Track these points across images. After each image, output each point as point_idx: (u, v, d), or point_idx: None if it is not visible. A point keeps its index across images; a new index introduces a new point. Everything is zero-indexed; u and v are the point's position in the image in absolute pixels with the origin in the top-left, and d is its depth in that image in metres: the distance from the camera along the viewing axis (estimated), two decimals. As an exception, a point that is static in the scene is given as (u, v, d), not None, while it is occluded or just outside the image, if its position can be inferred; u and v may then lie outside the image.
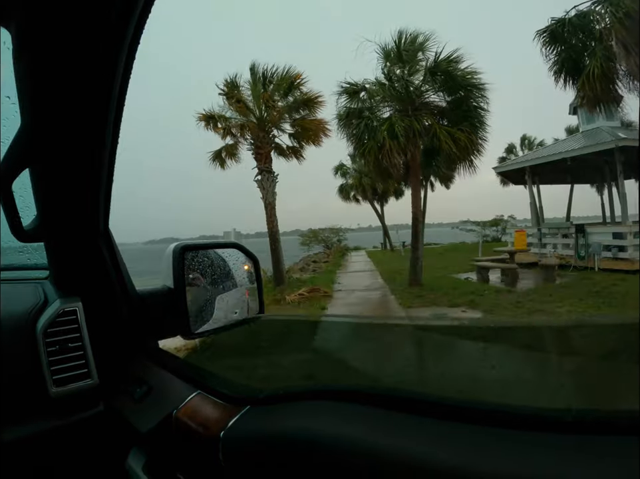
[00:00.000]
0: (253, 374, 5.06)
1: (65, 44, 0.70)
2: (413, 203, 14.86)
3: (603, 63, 12.05)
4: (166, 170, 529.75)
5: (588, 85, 12.56)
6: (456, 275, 17.38)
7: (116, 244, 1.24)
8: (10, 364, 1.00)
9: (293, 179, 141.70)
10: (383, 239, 43.75)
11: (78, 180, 0.99)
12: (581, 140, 18.98)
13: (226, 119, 16.26)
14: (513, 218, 36.88)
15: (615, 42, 11.65)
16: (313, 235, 40.39)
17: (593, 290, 11.73)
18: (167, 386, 1.12)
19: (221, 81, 16.15)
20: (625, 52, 11.55)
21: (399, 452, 0.59)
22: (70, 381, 1.03)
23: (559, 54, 13.57)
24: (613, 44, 11.74)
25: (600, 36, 12.23)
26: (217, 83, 16.10)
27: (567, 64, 13.53)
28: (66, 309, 1.07)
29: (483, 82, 14.00)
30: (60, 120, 0.83)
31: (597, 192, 25.24)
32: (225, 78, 16.16)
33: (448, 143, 13.46)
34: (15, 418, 0.97)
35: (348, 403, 0.75)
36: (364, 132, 14.44)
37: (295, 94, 16.21)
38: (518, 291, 13.04)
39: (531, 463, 0.50)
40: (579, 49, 13.05)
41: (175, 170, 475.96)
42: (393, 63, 14.79)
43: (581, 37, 12.77)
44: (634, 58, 11.53)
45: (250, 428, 0.83)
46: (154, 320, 1.26)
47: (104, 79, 0.78)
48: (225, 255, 1.47)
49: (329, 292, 14.59)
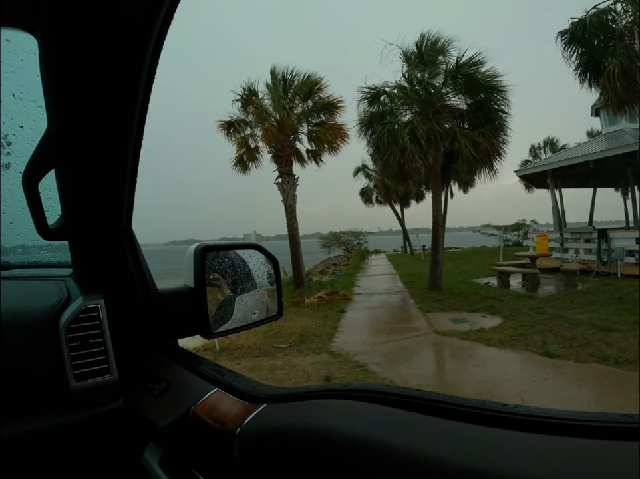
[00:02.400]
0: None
1: (90, 48, 0.72)
2: (434, 207, 14.75)
3: (623, 61, 11.86)
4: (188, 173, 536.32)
5: (609, 85, 12.38)
6: (476, 279, 17.28)
7: (139, 243, 1.26)
8: (33, 358, 1.03)
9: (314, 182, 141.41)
10: (403, 243, 43.68)
11: (102, 181, 1.01)
12: (604, 142, 18.72)
13: (246, 124, 16.32)
14: (535, 222, 36.46)
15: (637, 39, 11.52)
16: (334, 238, 40.41)
17: (616, 296, 11.60)
18: (186, 383, 1.13)
19: (242, 86, 16.29)
20: None
21: (414, 450, 0.59)
22: (90, 376, 1.05)
23: (581, 55, 13.40)
24: (636, 41, 11.59)
25: (620, 35, 12.04)
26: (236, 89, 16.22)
27: (590, 65, 13.35)
28: (88, 306, 1.09)
29: (505, 84, 13.90)
30: (85, 123, 0.85)
31: (621, 196, 24.85)
32: (244, 83, 16.28)
33: (468, 147, 13.36)
34: (35, 410, 0.99)
35: (364, 402, 0.76)
36: (386, 136, 14.38)
37: (315, 99, 16.22)
38: (539, 296, 12.91)
39: (537, 465, 0.50)
40: (600, 49, 12.85)
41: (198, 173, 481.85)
42: (414, 66, 14.71)
43: (602, 37, 12.57)
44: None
45: (266, 426, 0.84)
46: (174, 319, 1.27)
47: (128, 82, 0.79)
48: (246, 256, 1.48)
49: (349, 295, 14.58)
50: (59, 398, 1.03)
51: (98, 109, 0.83)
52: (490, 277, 16.97)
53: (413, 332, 9.42)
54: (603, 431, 0.53)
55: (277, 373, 7.03)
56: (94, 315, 1.10)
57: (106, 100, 0.82)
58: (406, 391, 0.75)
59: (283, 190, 15.89)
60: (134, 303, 1.23)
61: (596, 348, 7.14)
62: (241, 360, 7.95)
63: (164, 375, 1.17)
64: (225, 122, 16.40)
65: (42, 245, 1.63)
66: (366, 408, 0.74)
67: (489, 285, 15.54)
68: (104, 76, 0.77)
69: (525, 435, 0.56)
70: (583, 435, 0.53)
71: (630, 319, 8.92)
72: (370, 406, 0.75)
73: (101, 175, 1.00)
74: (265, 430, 0.83)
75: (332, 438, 0.69)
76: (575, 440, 0.53)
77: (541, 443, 0.54)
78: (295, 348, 8.61)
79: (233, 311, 1.38)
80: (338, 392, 0.83)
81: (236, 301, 1.40)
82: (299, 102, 16.20)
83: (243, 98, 16.15)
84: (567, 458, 0.50)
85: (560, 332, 8.34)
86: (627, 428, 0.52)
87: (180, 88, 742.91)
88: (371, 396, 0.77)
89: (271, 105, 16.10)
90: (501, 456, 0.53)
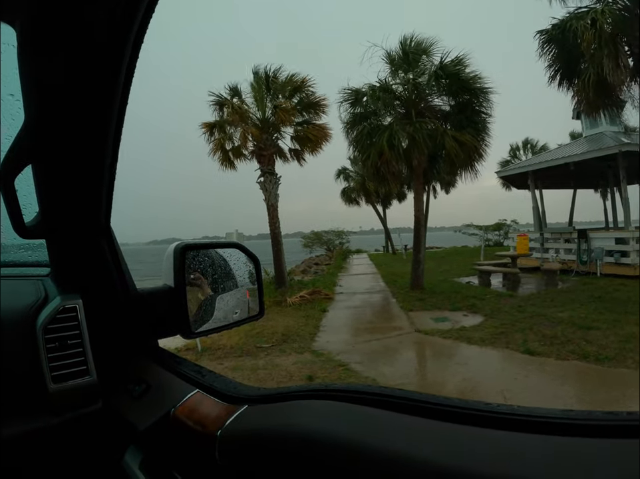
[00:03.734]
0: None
1: (69, 41, 0.70)
2: (416, 207, 14.81)
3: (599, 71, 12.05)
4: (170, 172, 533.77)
5: (584, 90, 12.61)
6: (457, 278, 17.44)
7: (117, 242, 1.24)
8: (10, 360, 1.00)
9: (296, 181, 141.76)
10: (385, 242, 43.89)
11: (80, 178, 0.99)
12: (585, 144, 18.94)
13: (229, 124, 16.24)
14: (516, 222, 36.96)
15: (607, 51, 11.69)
16: (315, 237, 40.44)
17: (595, 295, 11.80)
18: (166, 385, 1.12)
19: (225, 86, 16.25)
20: (615, 62, 11.61)
21: (396, 450, 0.59)
22: (69, 378, 1.03)
23: (556, 56, 13.58)
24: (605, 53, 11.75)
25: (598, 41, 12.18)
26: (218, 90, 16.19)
27: (563, 67, 13.55)
28: (66, 306, 1.07)
29: (488, 86, 14.03)
30: (63, 118, 0.84)
31: (600, 197, 25.22)
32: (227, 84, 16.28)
33: (454, 146, 13.44)
34: (13, 414, 0.97)
35: (345, 402, 0.76)
36: (366, 138, 14.44)
37: (300, 96, 16.22)
38: (520, 295, 13.06)
39: (521, 464, 0.50)
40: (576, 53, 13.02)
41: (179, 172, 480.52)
42: (398, 67, 14.76)
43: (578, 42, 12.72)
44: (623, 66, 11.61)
45: (247, 427, 0.83)
46: (154, 319, 1.26)
47: (108, 76, 0.78)
48: (226, 255, 1.47)
49: (331, 294, 14.62)
50: (37, 401, 1.01)
51: (77, 103, 0.82)
52: (471, 276, 17.12)
53: (395, 332, 9.46)
54: (586, 429, 0.53)
55: (260, 373, 7.02)
56: (72, 315, 1.08)
57: (84, 95, 0.81)
58: (387, 391, 0.75)
59: (265, 189, 15.85)
60: (113, 303, 1.21)
61: (576, 346, 7.24)
62: (224, 361, 7.92)
63: (144, 376, 1.16)
64: (208, 124, 16.32)
65: (20, 243, 1.60)
66: (347, 409, 0.74)
67: (471, 284, 15.67)
68: (84, 69, 0.76)
69: (509, 434, 0.56)
70: (567, 433, 0.53)
71: (609, 317, 9.09)
72: (351, 406, 0.74)
73: (79, 172, 0.98)
74: (246, 432, 0.82)
75: (314, 438, 0.68)
76: (559, 438, 0.53)
77: (524, 441, 0.54)
78: (278, 347, 8.60)
79: (214, 311, 1.36)
80: (319, 393, 0.83)
81: (217, 300, 1.39)
82: (283, 101, 16.16)
83: (224, 99, 16.10)
84: (552, 456, 0.50)
85: (541, 330, 8.45)
86: (611, 425, 0.52)
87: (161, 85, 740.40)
88: (352, 396, 0.76)
89: (253, 104, 16.08)
90: (484, 455, 0.53)
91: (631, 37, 11.68)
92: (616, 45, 11.67)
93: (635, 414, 0.52)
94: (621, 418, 0.53)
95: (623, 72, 11.69)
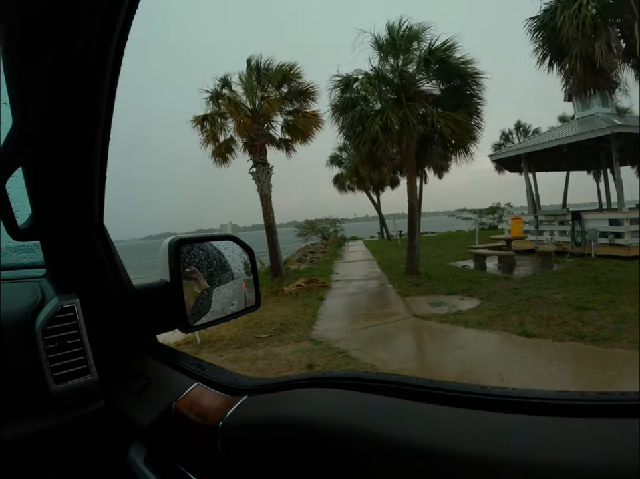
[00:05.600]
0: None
1: (54, 43, 0.70)
2: (409, 192, 14.78)
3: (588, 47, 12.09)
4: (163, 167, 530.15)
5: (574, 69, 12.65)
6: (453, 262, 17.50)
7: (112, 239, 1.24)
8: (10, 362, 1.00)
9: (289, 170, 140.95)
10: (380, 229, 43.83)
11: (71, 177, 0.99)
12: (577, 126, 18.93)
13: (220, 115, 16.16)
14: (510, 206, 36.96)
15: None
16: (310, 226, 40.37)
17: (590, 276, 11.85)
18: (166, 379, 1.12)
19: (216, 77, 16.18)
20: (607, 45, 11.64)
21: (395, 435, 0.59)
22: (70, 378, 1.03)
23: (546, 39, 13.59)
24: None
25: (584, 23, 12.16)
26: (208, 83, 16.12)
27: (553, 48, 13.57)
28: (63, 306, 1.07)
29: (478, 70, 13.97)
30: (52, 118, 0.83)
31: (594, 179, 25.25)
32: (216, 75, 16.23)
33: (450, 126, 13.39)
34: (16, 416, 0.97)
35: (344, 389, 0.76)
36: (358, 123, 14.35)
37: (290, 85, 16.15)
38: (515, 278, 13.12)
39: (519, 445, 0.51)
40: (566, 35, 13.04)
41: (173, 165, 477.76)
42: (387, 53, 14.66)
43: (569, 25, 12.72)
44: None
45: (248, 417, 0.84)
46: (151, 315, 1.26)
47: (95, 74, 0.78)
48: (221, 248, 1.48)
49: (327, 282, 14.64)
50: (40, 402, 1.02)
51: (65, 103, 0.82)
52: (467, 260, 17.15)
53: (392, 317, 9.50)
54: (581, 409, 0.54)
55: (259, 363, 7.05)
56: (70, 314, 1.08)
57: (72, 94, 0.80)
58: (384, 377, 0.76)
59: (258, 180, 15.80)
60: (110, 300, 1.21)
61: (572, 327, 7.29)
62: (223, 352, 7.95)
63: (144, 372, 1.16)
64: (199, 117, 16.24)
65: (14, 246, 1.59)
66: (346, 395, 0.75)
67: (466, 268, 15.72)
68: (70, 69, 0.75)
69: (506, 416, 0.57)
70: (561, 413, 0.54)
71: (605, 297, 9.14)
72: (350, 393, 0.75)
73: (70, 172, 0.98)
74: (247, 422, 0.83)
75: (314, 426, 0.69)
76: (554, 419, 0.53)
77: (521, 423, 0.54)
78: (276, 337, 8.62)
79: (211, 304, 1.37)
80: (318, 381, 0.83)
81: (213, 293, 1.39)
82: (273, 90, 16.09)
83: (215, 90, 16.03)
84: (547, 436, 0.51)
85: (537, 312, 8.50)
86: (605, 405, 0.53)
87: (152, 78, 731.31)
88: (351, 383, 0.77)
89: (244, 94, 16.00)
90: (482, 437, 0.54)
91: (621, 19, 11.72)
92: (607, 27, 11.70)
93: (629, 394, 0.53)
94: (614, 398, 0.53)
95: (615, 54, 11.70)
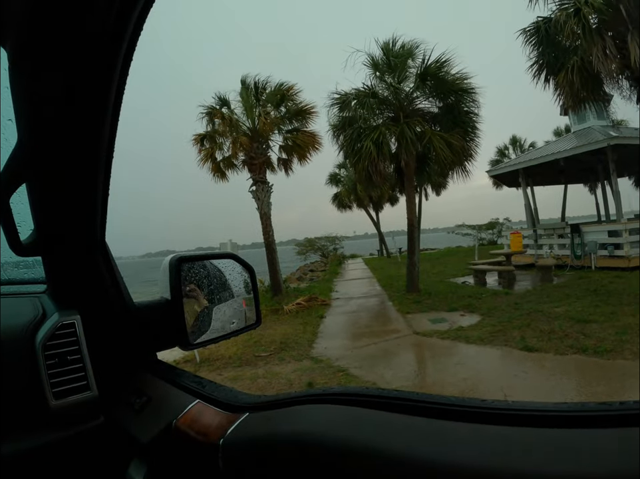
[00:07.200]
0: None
1: (60, 61, 0.71)
2: (408, 209, 14.80)
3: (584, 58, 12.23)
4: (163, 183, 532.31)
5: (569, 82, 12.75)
6: (453, 279, 17.48)
7: (113, 257, 1.25)
8: (10, 378, 1.00)
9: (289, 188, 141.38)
10: (379, 246, 43.91)
11: (74, 195, 1.00)
12: (573, 140, 19.01)
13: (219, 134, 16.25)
14: (509, 220, 37.13)
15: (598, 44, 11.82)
16: (309, 244, 40.34)
17: (591, 289, 11.84)
18: (167, 397, 1.12)
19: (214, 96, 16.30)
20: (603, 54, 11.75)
21: (396, 450, 0.59)
22: (69, 394, 1.03)
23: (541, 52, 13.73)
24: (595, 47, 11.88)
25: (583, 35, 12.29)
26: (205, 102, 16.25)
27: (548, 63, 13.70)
28: (64, 322, 1.07)
29: (474, 86, 14.06)
30: (56, 136, 0.84)
31: (591, 191, 25.31)
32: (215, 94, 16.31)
33: (443, 149, 13.44)
34: (16, 431, 0.97)
35: (344, 406, 0.76)
36: (355, 141, 14.41)
37: (288, 105, 16.27)
38: (516, 292, 13.09)
39: (519, 457, 0.51)
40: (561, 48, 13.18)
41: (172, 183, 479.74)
42: (382, 71, 14.77)
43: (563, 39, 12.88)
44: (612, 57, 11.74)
45: (248, 434, 0.83)
46: (152, 332, 1.26)
47: (99, 92, 0.79)
48: (221, 266, 1.48)
49: (327, 300, 14.61)
50: (39, 418, 1.01)
51: (69, 121, 0.82)
52: (467, 276, 17.16)
53: (393, 335, 9.45)
54: (582, 420, 0.54)
55: (259, 382, 7.00)
56: (71, 331, 1.08)
57: (76, 112, 0.81)
58: (385, 392, 0.76)
59: (257, 198, 15.86)
60: (110, 317, 1.21)
61: (574, 340, 7.26)
62: (223, 371, 7.89)
63: (144, 389, 1.16)
64: (199, 136, 16.34)
65: (16, 261, 1.60)
66: (347, 412, 0.75)
67: (466, 284, 15.71)
68: (75, 88, 0.76)
69: (506, 428, 0.57)
70: (561, 425, 0.54)
71: (606, 309, 9.12)
72: (350, 409, 0.75)
73: (73, 189, 0.98)
74: (248, 439, 0.83)
75: (315, 443, 0.69)
76: (554, 431, 0.53)
77: (522, 435, 0.55)
78: (276, 356, 8.58)
79: (211, 321, 1.37)
80: (318, 397, 0.83)
81: (214, 311, 1.39)
82: (272, 109, 16.20)
83: (214, 109, 16.12)
84: (548, 448, 0.51)
85: (538, 326, 8.46)
86: (605, 415, 0.53)
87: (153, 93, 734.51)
88: (351, 399, 0.77)
89: (243, 113, 16.10)
90: (484, 450, 0.54)
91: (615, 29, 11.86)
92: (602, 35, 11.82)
93: (628, 403, 0.53)
94: (614, 408, 0.54)
95: (612, 61, 11.80)
